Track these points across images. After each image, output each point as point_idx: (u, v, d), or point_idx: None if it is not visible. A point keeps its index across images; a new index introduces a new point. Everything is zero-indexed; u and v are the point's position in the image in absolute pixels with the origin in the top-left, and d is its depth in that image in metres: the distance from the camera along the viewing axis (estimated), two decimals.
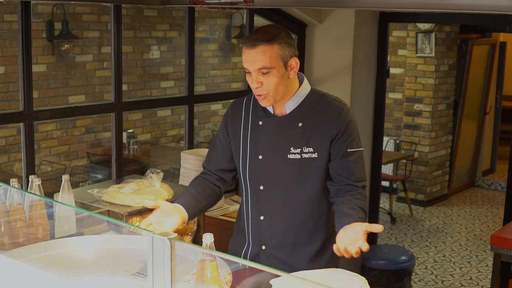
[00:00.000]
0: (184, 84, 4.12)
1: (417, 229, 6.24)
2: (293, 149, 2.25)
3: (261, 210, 2.33)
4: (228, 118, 2.39)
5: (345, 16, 4.48)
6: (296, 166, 2.25)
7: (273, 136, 2.28)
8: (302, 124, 2.25)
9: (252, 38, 2.18)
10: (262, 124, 2.31)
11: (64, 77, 5.61)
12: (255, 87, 2.18)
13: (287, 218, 2.30)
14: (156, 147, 6.49)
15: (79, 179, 5.66)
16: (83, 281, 1.78)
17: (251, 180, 2.33)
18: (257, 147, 2.30)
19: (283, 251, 2.32)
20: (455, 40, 7.08)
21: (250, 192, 2.35)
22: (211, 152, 2.45)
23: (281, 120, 2.28)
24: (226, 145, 2.40)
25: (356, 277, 1.97)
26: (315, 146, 2.24)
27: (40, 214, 2.17)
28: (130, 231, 2.16)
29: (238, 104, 2.40)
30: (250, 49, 2.16)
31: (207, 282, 1.59)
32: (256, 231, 2.36)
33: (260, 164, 2.30)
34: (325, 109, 2.26)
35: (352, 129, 2.27)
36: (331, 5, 3.42)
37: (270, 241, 2.33)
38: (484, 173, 8.04)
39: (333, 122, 2.23)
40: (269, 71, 2.16)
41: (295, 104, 2.27)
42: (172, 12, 6.42)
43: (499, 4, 2.39)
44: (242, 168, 2.35)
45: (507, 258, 3.62)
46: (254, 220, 2.35)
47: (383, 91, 4.83)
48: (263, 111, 2.32)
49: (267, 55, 2.15)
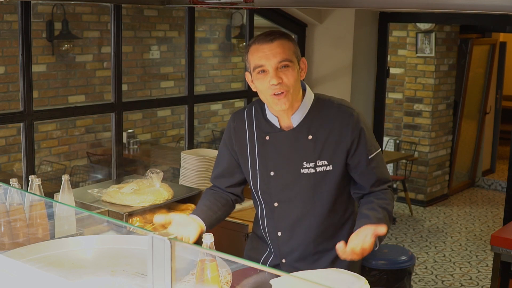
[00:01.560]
0: (184, 84, 4.12)
1: (417, 229, 6.24)
2: (306, 164, 2.15)
3: (278, 227, 2.24)
4: (232, 133, 2.27)
5: (345, 16, 4.48)
6: (310, 181, 2.16)
7: (283, 151, 2.18)
8: (312, 137, 2.15)
9: (266, 34, 2.10)
10: (269, 139, 2.19)
11: (64, 77, 5.61)
12: (275, 83, 2.05)
13: (305, 232, 2.22)
14: (156, 147, 6.49)
15: (79, 179, 5.66)
16: (83, 281, 1.78)
17: (264, 197, 2.24)
18: (267, 163, 2.20)
19: (304, 262, 2.24)
20: (455, 40, 7.08)
21: (265, 208, 2.26)
22: (217, 168, 2.36)
23: (290, 134, 2.17)
24: (231, 160, 2.30)
25: (356, 277, 1.97)
26: (329, 159, 2.14)
27: (40, 214, 2.17)
28: (130, 231, 2.15)
29: (239, 117, 2.27)
30: (268, 44, 2.06)
31: (207, 282, 1.59)
32: (275, 246, 2.28)
33: (272, 180, 2.20)
34: (334, 118, 2.15)
35: (368, 134, 2.17)
36: (331, 5, 3.43)
37: (291, 255, 2.25)
38: (484, 173, 8.04)
39: (345, 131, 2.13)
40: (288, 64, 2.07)
41: (302, 115, 2.16)
42: (172, 12, 6.42)
43: (499, 4, 2.39)
44: (253, 185, 2.25)
45: (507, 258, 3.62)
46: (272, 235, 2.27)
47: (383, 91, 4.84)
48: (268, 125, 2.20)
49: (287, 48, 2.08)
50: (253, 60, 2.10)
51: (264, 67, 2.07)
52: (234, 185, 2.33)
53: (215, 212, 2.24)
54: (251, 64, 2.11)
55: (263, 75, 2.08)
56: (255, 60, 2.09)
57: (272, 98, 2.08)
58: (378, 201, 2.16)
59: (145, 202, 2.80)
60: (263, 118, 2.22)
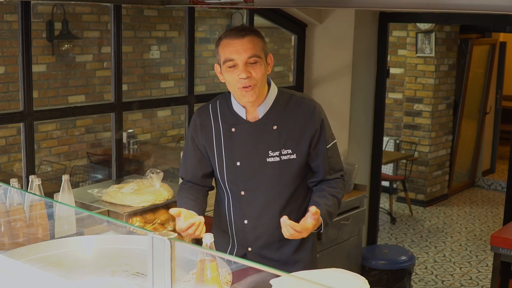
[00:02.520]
0: (184, 84, 4.12)
1: (417, 229, 6.24)
2: (271, 153, 2.27)
3: (245, 215, 2.34)
4: (198, 128, 2.36)
5: (345, 16, 4.48)
6: (276, 169, 2.27)
7: (249, 141, 2.29)
8: (277, 127, 2.27)
9: (237, 30, 2.22)
10: (235, 131, 2.30)
11: (64, 77, 5.61)
12: (244, 77, 2.17)
13: (271, 219, 2.32)
14: (156, 147, 6.49)
15: (79, 179, 5.66)
16: (83, 281, 1.78)
17: (231, 186, 2.33)
18: (233, 154, 2.30)
19: (269, 249, 2.36)
20: (455, 40, 7.08)
21: (231, 198, 2.35)
22: (187, 162, 2.44)
23: (255, 125, 2.29)
24: (199, 153, 2.38)
25: (356, 277, 1.97)
26: (293, 147, 2.27)
27: (40, 214, 2.17)
28: (130, 231, 2.15)
29: (204, 112, 2.37)
30: (239, 39, 2.18)
31: (207, 282, 1.59)
32: (240, 235, 2.37)
33: (239, 170, 2.30)
34: (297, 109, 2.29)
35: (327, 126, 2.33)
36: (331, 5, 3.43)
37: (257, 242, 2.35)
38: (484, 173, 8.04)
39: (308, 121, 2.27)
40: (257, 60, 2.19)
41: (267, 107, 2.28)
42: (172, 12, 6.42)
43: (499, 4, 2.39)
44: (221, 176, 2.35)
45: (507, 258, 3.62)
46: (238, 224, 2.36)
47: (383, 91, 4.83)
48: (233, 117, 2.31)
49: (256, 45, 2.20)
50: (223, 53, 2.20)
51: (234, 61, 2.19)
52: (203, 176, 2.41)
53: (202, 206, 2.35)
54: (222, 57, 2.22)
55: (233, 68, 2.20)
56: (225, 54, 2.20)
57: (240, 90, 2.21)
58: (329, 189, 2.31)
59: (145, 202, 2.80)
60: (228, 111, 2.33)
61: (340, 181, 2.38)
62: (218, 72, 2.29)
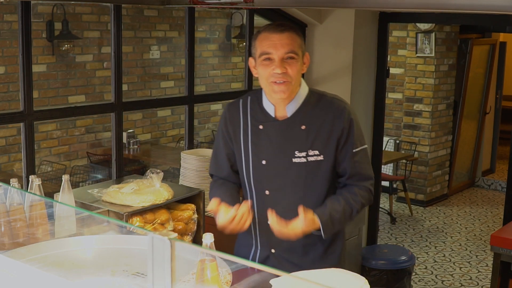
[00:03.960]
0: (184, 84, 4.12)
1: (417, 229, 6.24)
2: (298, 153, 2.20)
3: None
4: (227, 122, 2.33)
5: (345, 16, 4.48)
6: (302, 170, 2.21)
7: (275, 140, 2.23)
8: (305, 127, 2.21)
9: (276, 24, 2.17)
10: (263, 128, 2.25)
11: (64, 77, 5.61)
12: (280, 72, 2.12)
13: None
14: (156, 147, 6.49)
15: (79, 179, 5.66)
16: (83, 281, 1.77)
17: (256, 185, 2.28)
18: (259, 152, 2.25)
19: (293, 253, 2.28)
20: (455, 40, 7.08)
21: (256, 197, 2.30)
22: (217, 158, 2.40)
23: (283, 123, 2.23)
24: (229, 148, 2.34)
25: (356, 277, 1.97)
26: (321, 149, 2.20)
27: (40, 214, 2.17)
28: (130, 231, 2.15)
29: (234, 107, 2.33)
30: (278, 34, 2.13)
31: (207, 282, 1.59)
32: (264, 235, 2.30)
33: (264, 169, 2.25)
34: (327, 109, 2.22)
35: (356, 128, 2.24)
36: (331, 5, 3.43)
37: (280, 245, 2.27)
38: (484, 173, 8.04)
39: (337, 123, 2.20)
40: (294, 56, 2.14)
41: (296, 106, 2.22)
42: (172, 12, 6.42)
43: (499, 4, 2.39)
44: (246, 173, 2.30)
45: (507, 258, 3.62)
46: (262, 224, 2.29)
47: (383, 91, 4.83)
48: (262, 114, 2.26)
49: (295, 41, 2.15)
50: (260, 47, 2.16)
51: (271, 56, 2.14)
52: (233, 173, 2.37)
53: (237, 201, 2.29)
54: (258, 51, 2.17)
55: (268, 62, 2.15)
56: (263, 47, 2.15)
57: (272, 85, 2.16)
58: (347, 194, 2.23)
59: (145, 202, 2.80)
60: (258, 107, 2.28)
61: (366, 190, 2.26)
62: (252, 66, 2.24)
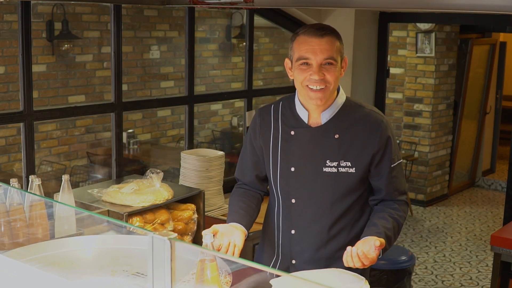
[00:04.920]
0: (184, 84, 4.12)
1: (417, 229, 6.24)
2: (329, 162, 2.13)
3: (293, 224, 2.22)
4: (257, 127, 2.27)
5: (345, 16, 4.48)
6: (331, 180, 2.14)
7: (306, 147, 2.16)
8: (338, 136, 2.14)
9: (316, 28, 2.10)
10: (294, 134, 2.18)
11: (64, 77, 5.61)
12: (317, 79, 2.06)
13: (319, 233, 2.20)
14: (156, 147, 6.49)
15: (79, 179, 5.66)
16: (83, 281, 1.77)
17: (282, 192, 2.22)
18: (289, 158, 2.19)
19: (314, 266, 2.20)
20: (455, 40, 7.08)
21: (282, 204, 2.24)
22: (243, 163, 2.36)
23: (316, 130, 2.16)
24: (256, 155, 2.30)
25: (356, 277, 1.97)
26: (353, 161, 2.13)
27: (40, 214, 2.17)
28: (130, 231, 2.15)
29: (266, 112, 2.27)
30: (317, 38, 2.06)
31: (207, 282, 1.59)
32: (286, 245, 2.25)
33: (293, 176, 2.19)
34: (363, 122, 2.16)
35: (393, 143, 2.19)
36: (331, 5, 3.42)
37: (301, 256, 2.23)
38: (484, 173, 8.04)
39: (373, 137, 2.14)
40: (332, 62, 2.08)
41: (332, 114, 2.16)
42: (172, 12, 6.42)
43: (499, 4, 2.39)
44: (273, 180, 2.24)
45: (507, 258, 3.62)
46: (285, 233, 2.25)
47: (383, 91, 4.84)
48: (295, 119, 2.19)
49: (334, 46, 2.09)
50: (298, 50, 2.10)
51: (309, 61, 2.08)
52: (260, 180, 2.33)
53: (251, 215, 2.25)
54: (296, 54, 2.11)
55: (305, 67, 2.09)
56: (301, 52, 2.09)
57: (308, 91, 2.09)
58: (391, 211, 2.17)
59: (145, 202, 2.80)
60: (291, 113, 2.21)
61: (404, 204, 2.23)
62: (288, 68, 2.18)
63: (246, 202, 2.27)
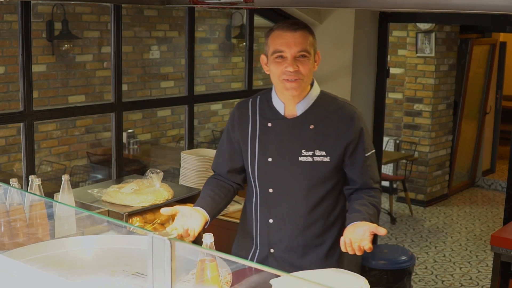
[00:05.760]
0: (184, 84, 4.12)
1: (417, 229, 6.24)
2: (304, 152, 2.22)
3: (270, 213, 2.29)
4: (235, 120, 2.35)
5: (345, 16, 4.48)
6: (307, 169, 2.22)
7: (283, 138, 2.25)
8: (314, 127, 2.22)
9: (289, 23, 2.20)
10: (271, 126, 2.27)
11: (64, 77, 5.61)
12: (292, 70, 2.15)
13: (296, 221, 2.26)
14: (156, 147, 6.49)
15: (79, 179, 5.66)
16: (83, 281, 1.78)
17: (260, 182, 2.30)
18: (266, 149, 2.27)
19: (292, 254, 2.29)
20: (455, 40, 7.08)
21: (260, 195, 2.31)
22: (219, 155, 2.43)
23: (292, 121, 2.25)
24: (233, 147, 2.36)
25: (356, 277, 1.97)
26: (328, 150, 2.21)
27: (40, 214, 2.17)
28: (130, 231, 2.15)
29: (243, 106, 2.35)
30: (291, 32, 2.16)
31: (207, 282, 1.59)
32: (264, 234, 2.32)
33: (270, 166, 2.26)
34: (337, 113, 2.24)
35: (366, 134, 2.27)
36: (331, 5, 3.42)
37: (279, 244, 2.29)
38: (484, 173, 8.04)
39: (346, 127, 2.22)
40: (306, 55, 2.17)
41: (307, 105, 2.25)
42: (172, 12, 6.42)
43: (499, 4, 2.39)
44: (251, 171, 2.31)
45: (507, 258, 3.62)
46: (263, 223, 2.31)
47: (383, 91, 4.83)
48: (271, 112, 2.28)
49: (307, 40, 2.19)
50: (273, 44, 2.19)
51: (283, 54, 2.17)
52: (234, 171, 2.39)
53: (218, 203, 2.31)
54: (271, 48, 2.20)
55: (280, 60, 2.18)
56: (275, 45, 2.18)
57: (284, 82, 2.18)
58: (369, 198, 2.25)
59: (145, 202, 2.80)
60: (267, 106, 2.30)
61: (379, 192, 2.33)
62: (264, 63, 2.27)
63: (215, 190, 2.33)
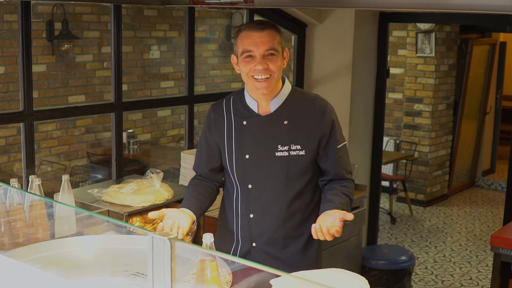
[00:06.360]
0: (184, 84, 4.12)
1: (417, 229, 6.24)
2: (280, 147, 2.30)
3: (251, 208, 2.37)
4: (212, 122, 2.42)
5: (345, 16, 4.48)
6: (284, 164, 2.30)
7: (258, 135, 2.32)
8: (287, 122, 2.30)
9: (256, 23, 2.28)
10: (246, 124, 2.34)
11: (64, 77, 5.61)
12: (261, 69, 2.22)
13: (276, 214, 2.35)
14: (156, 147, 6.49)
15: (79, 179, 5.66)
16: (83, 281, 1.78)
17: (239, 179, 2.37)
18: (243, 147, 2.34)
19: (274, 246, 2.37)
20: (455, 40, 7.08)
21: (239, 191, 2.38)
22: (198, 157, 2.51)
23: (266, 118, 2.32)
24: (210, 148, 2.44)
25: (356, 277, 1.97)
26: (302, 144, 2.30)
27: (40, 214, 2.17)
28: (130, 231, 2.16)
29: (218, 107, 2.43)
30: (258, 32, 2.24)
31: (207, 282, 1.59)
32: (246, 229, 2.39)
33: (248, 163, 2.34)
34: (309, 108, 2.33)
35: (337, 126, 2.36)
36: (331, 5, 3.42)
37: (261, 237, 2.37)
38: (484, 173, 8.04)
39: (319, 121, 2.31)
40: (274, 53, 2.24)
41: (279, 102, 2.32)
42: (172, 12, 6.42)
43: (499, 4, 2.39)
44: (230, 168, 2.38)
45: (507, 258, 3.62)
46: (244, 218, 2.39)
47: (383, 91, 4.83)
48: (246, 110, 2.35)
49: (274, 38, 2.26)
50: (242, 45, 2.27)
51: (252, 53, 2.25)
52: (214, 171, 2.47)
53: (203, 203, 2.38)
54: (240, 48, 2.29)
55: (250, 59, 2.25)
56: (244, 45, 2.26)
57: (254, 81, 2.26)
58: (342, 188, 2.34)
59: (145, 202, 2.80)
60: (241, 105, 2.37)
61: (352, 182, 2.42)
62: (235, 63, 2.35)
63: (199, 191, 2.41)
